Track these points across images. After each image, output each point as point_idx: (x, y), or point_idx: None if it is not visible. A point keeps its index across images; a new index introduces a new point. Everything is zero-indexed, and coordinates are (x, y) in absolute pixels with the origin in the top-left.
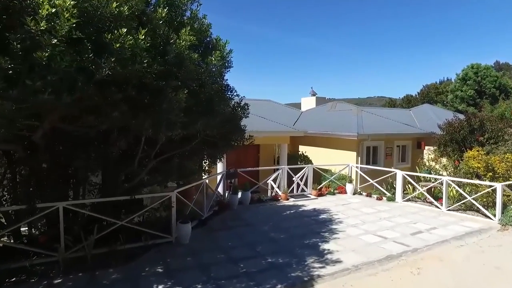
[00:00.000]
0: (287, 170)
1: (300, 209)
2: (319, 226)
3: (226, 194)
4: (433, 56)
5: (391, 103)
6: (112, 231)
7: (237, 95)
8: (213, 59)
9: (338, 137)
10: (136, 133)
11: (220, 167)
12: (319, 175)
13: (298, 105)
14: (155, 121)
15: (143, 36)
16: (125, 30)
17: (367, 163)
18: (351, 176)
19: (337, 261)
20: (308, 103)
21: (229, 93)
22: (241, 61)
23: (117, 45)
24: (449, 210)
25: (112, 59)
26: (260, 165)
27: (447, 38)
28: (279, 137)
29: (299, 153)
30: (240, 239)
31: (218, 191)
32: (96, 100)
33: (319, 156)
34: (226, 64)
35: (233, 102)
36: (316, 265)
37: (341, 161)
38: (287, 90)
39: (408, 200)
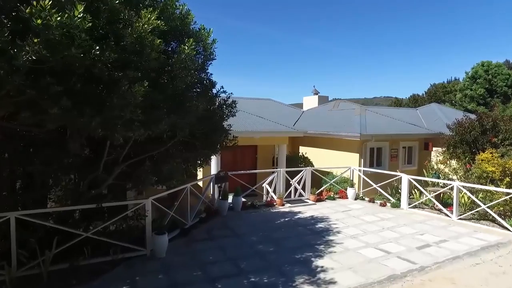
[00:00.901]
0: (283, 173)
1: (296, 217)
2: (314, 237)
3: (216, 199)
4: (441, 56)
5: (397, 103)
6: (78, 244)
7: (224, 92)
8: (186, 48)
9: (339, 138)
10: (95, 134)
11: (214, 169)
12: (319, 178)
13: (302, 105)
14: (105, 119)
15: (82, 14)
16: (50, 2)
17: (371, 165)
18: (352, 180)
19: (331, 282)
20: (310, 102)
21: (213, 89)
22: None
23: (39, 22)
24: (460, 219)
25: (35, 41)
26: (258, 167)
27: (455, 38)
28: (277, 137)
29: (300, 154)
30: (223, 252)
31: (211, 196)
32: (30, 93)
33: (320, 158)
34: (209, 56)
35: (219, 99)
36: (306, 287)
37: (343, 163)
38: (293, 91)
39: (415, 206)
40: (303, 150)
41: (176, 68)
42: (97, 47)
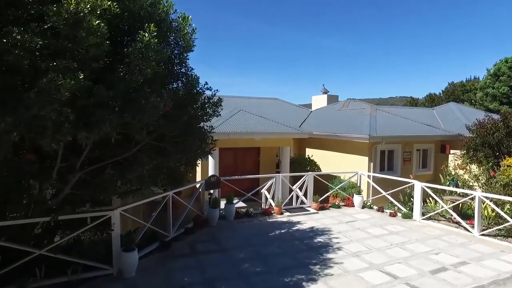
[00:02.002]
0: (282, 179)
1: (294, 228)
2: (310, 255)
3: (206, 207)
4: (461, 54)
5: (413, 102)
6: (32, 262)
7: (209, 89)
8: (146, 35)
9: (347, 140)
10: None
11: (211, 173)
12: (326, 184)
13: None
14: (19, 120)
15: None
16: None
17: (381, 170)
18: (359, 186)
19: None
20: (319, 101)
21: (195, 87)
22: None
23: None
24: (483, 235)
25: None
26: (261, 170)
27: (475, 36)
28: (281, 139)
29: (306, 157)
30: (202, 272)
31: (201, 204)
32: None
33: (328, 161)
34: (187, 47)
35: (203, 97)
36: None
37: (351, 167)
38: (307, 91)
39: (429, 218)
40: (310, 152)
41: (133, 58)
42: (16, 30)
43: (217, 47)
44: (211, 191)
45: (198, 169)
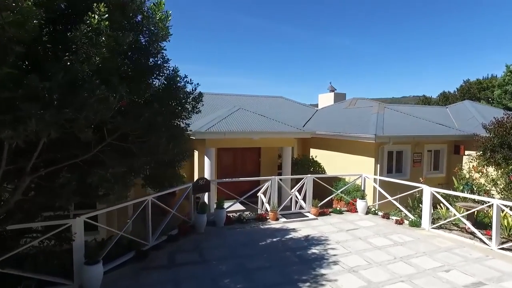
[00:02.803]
0: (278, 181)
1: (287, 236)
2: (301, 269)
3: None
4: (477, 53)
5: (425, 101)
6: None
7: (189, 82)
8: (95, 17)
9: (352, 140)
10: None
11: (208, 174)
12: (329, 185)
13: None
14: None
15: None
16: None
17: (389, 172)
18: (364, 190)
19: None
20: (325, 100)
21: (175, 81)
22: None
23: None
24: (502, 249)
25: None
26: (262, 172)
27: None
28: (282, 139)
29: (310, 157)
30: None
31: (190, 209)
32: None
33: (332, 162)
34: (160, 35)
35: (183, 92)
36: None
37: (356, 168)
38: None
39: (440, 227)
40: (314, 153)
41: (80, 45)
42: None
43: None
44: (200, 195)
45: (197, 170)
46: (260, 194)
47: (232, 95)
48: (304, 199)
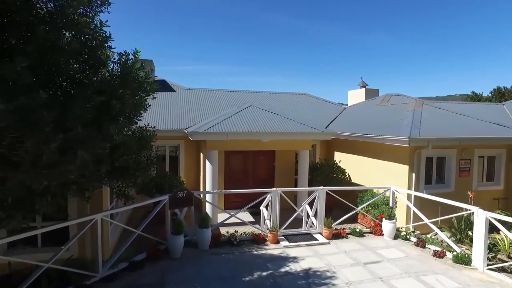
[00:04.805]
0: (279, 194)
1: (283, 269)
2: None
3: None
4: None
5: (475, 98)
6: None
7: (140, 68)
8: None
9: (381, 143)
10: None
11: (209, 184)
12: (354, 196)
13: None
14: None
15: None
16: None
17: (428, 183)
18: (391, 208)
19: None
20: (355, 97)
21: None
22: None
23: None
24: None
25: None
26: (276, 178)
27: None
28: (297, 140)
29: (334, 162)
30: None
31: (167, 227)
32: None
33: (359, 168)
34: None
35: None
36: None
37: (386, 177)
38: (348, 88)
39: (501, 269)
40: (339, 157)
41: None
42: None
43: (262, 47)
44: (178, 210)
45: (202, 176)
46: (262, 207)
47: (252, 92)
48: (315, 215)
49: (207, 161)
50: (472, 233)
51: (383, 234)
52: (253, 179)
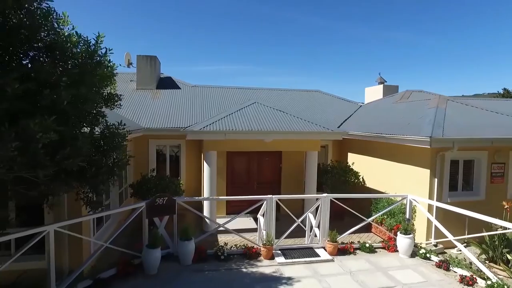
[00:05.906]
0: (275, 203)
1: None
2: None
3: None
4: None
5: (507, 96)
6: None
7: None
8: None
9: (398, 143)
10: None
11: (207, 190)
12: (368, 203)
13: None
14: None
15: None
16: None
17: (453, 189)
18: (408, 220)
19: None
20: (373, 93)
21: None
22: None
23: None
24: None
25: None
26: (283, 180)
27: None
28: (303, 140)
29: (347, 164)
30: None
31: (143, 239)
32: None
33: (374, 172)
34: None
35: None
36: None
37: (405, 182)
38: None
39: None
40: (352, 158)
41: None
42: None
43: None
44: (156, 219)
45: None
46: (259, 216)
47: (263, 89)
48: (319, 225)
49: (204, 162)
50: (509, 253)
51: (397, 251)
52: (257, 181)
